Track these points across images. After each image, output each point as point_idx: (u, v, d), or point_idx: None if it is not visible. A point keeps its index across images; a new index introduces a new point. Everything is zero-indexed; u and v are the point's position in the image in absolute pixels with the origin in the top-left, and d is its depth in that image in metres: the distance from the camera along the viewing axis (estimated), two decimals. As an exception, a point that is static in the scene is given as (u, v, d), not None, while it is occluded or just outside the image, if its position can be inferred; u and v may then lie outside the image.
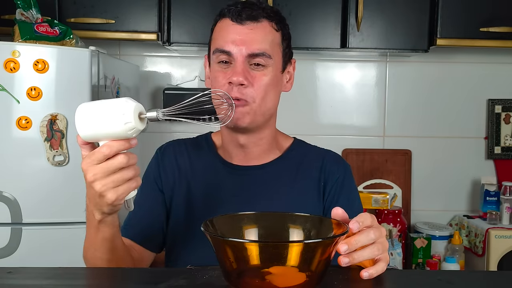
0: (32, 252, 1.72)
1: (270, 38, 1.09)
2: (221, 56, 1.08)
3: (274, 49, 1.10)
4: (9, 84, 1.69)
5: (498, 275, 1.19)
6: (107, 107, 0.82)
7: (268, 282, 0.73)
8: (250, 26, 1.07)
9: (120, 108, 0.81)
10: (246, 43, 1.06)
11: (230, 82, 1.06)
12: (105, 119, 0.81)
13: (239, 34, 1.06)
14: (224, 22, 1.09)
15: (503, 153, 2.54)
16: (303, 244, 0.75)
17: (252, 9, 1.08)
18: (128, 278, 0.90)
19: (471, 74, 2.54)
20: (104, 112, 0.81)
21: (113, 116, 0.81)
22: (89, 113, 0.83)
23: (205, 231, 0.76)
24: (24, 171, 1.72)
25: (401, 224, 2.33)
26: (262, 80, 1.07)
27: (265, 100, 1.09)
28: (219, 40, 1.09)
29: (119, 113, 0.81)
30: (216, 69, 1.10)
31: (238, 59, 1.06)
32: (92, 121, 0.82)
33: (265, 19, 1.09)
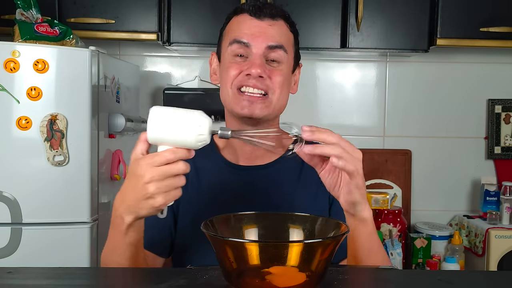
0: (32, 252, 1.72)
1: (287, 35, 1.11)
2: (238, 49, 1.08)
3: (289, 46, 1.12)
4: (9, 84, 1.69)
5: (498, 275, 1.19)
6: (184, 117, 0.84)
7: (268, 282, 0.73)
8: (269, 22, 1.09)
9: (197, 121, 0.84)
10: (265, 36, 1.07)
11: (248, 74, 1.06)
12: (180, 128, 0.84)
13: (258, 27, 1.08)
14: (242, 17, 1.10)
15: (503, 153, 2.54)
16: (303, 244, 0.75)
17: (271, 7, 1.10)
18: (128, 278, 0.90)
19: (471, 74, 2.54)
20: (180, 121, 0.84)
21: (189, 126, 0.84)
22: (164, 118, 0.84)
23: (205, 231, 0.76)
24: (24, 171, 1.72)
25: (401, 224, 2.33)
26: (278, 76, 1.09)
27: (281, 95, 1.10)
28: (236, 32, 1.09)
29: (195, 125, 0.84)
30: (229, 61, 1.10)
31: (256, 52, 1.07)
32: (166, 126, 0.84)
33: (281, 19, 1.11)
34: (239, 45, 1.08)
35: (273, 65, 1.09)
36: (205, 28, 2.15)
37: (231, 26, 1.12)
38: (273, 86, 1.08)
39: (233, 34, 1.09)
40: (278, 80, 1.08)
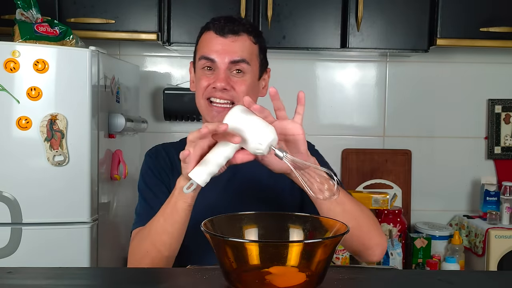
0: (32, 252, 1.72)
1: (249, 48, 1.25)
2: (205, 64, 1.24)
3: (252, 58, 1.26)
4: (9, 84, 1.69)
5: (498, 275, 1.19)
6: (255, 124, 0.98)
7: (268, 282, 0.73)
8: (232, 39, 1.23)
9: (262, 133, 0.97)
10: (228, 52, 1.22)
11: (214, 87, 1.22)
12: (248, 131, 0.97)
13: (222, 44, 1.22)
14: (209, 35, 1.25)
15: (503, 153, 2.53)
16: (303, 244, 0.75)
17: (234, 24, 1.23)
18: (128, 278, 0.90)
19: (471, 74, 2.54)
20: (250, 126, 0.98)
21: (254, 133, 0.97)
22: (240, 117, 0.98)
23: (205, 231, 0.76)
24: (24, 171, 1.72)
25: (401, 224, 2.33)
26: (242, 84, 1.23)
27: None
28: (204, 49, 1.24)
29: (259, 135, 0.97)
30: (200, 74, 1.25)
31: (221, 66, 1.22)
32: (239, 125, 0.98)
33: (244, 33, 1.24)
34: (206, 61, 1.23)
35: (237, 76, 1.23)
36: (205, 28, 2.14)
37: (201, 42, 1.27)
38: (237, 96, 1.22)
39: (202, 50, 1.25)
40: (242, 90, 1.23)
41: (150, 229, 1.12)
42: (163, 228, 1.09)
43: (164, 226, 1.09)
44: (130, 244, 1.20)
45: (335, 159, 2.46)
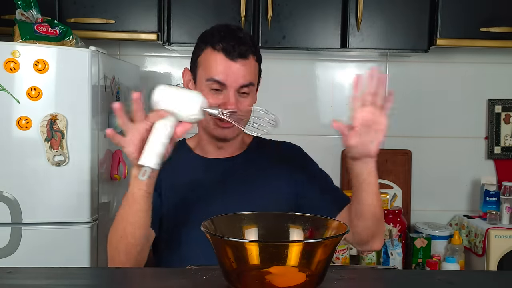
0: (32, 252, 1.72)
1: (254, 70, 1.32)
2: (214, 85, 1.27)
3: (256, 77, 1.33)
4: (9, 84, 1.69)
5: (498, 275, 1.19)
6: (181, 96, 1.06)
7: (268, 282, 0.73)
8: (241, 63, 1.27)
9: (191, 100, 1.05)
10: (238, 77, 1.27)
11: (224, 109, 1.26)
12: (177, 104, 1.04)
13: (232, 69, 1.26)
14: (217, 55, 1.27)
15: (503, 153, 2.53)
16: (303, 244, 0.75)
17: (242, 46, 1.27)
18: (128, 278, 0.90)
19: (471, 74, 2.54)
20: (177, 99, 1.05)
21: (183, 104, 1.04)
22: (165, 96, 1.06)
23: (205, 231, 0.76)
24: (24, 171, 1.72)
25: (401, 224, 2.33)
26: (246, 104, 1.30)
27: (247, 118, 1.32)
28: (213, 71, 1.27)
29: (188, 103, 1.05)
30: (206, 91, 1.28)
31: (230, 90, 1.27)
32: (166, 102, 1.05)
33: (251, 55, 1.29)
34: (216, 83, 1.27)
35: (244, 96, 1.30)
36: (205, 28, 2.13)
37: (208, 60, 1.29)
38: (242, 117, 1.28)
39: (211, 71, 1.27)
40: (245, 107, 1.30)
41: (116, 220, 1.17)
42: (125, 218, 1.13)
43: (127, 217, 1.13)
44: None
45: (335, 159, 2.46)
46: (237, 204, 1.26)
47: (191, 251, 1.26)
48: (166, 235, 1.31)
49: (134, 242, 1.14)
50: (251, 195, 1.31)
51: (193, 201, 1.31)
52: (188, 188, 1.33)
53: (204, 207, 1.28)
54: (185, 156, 1.39)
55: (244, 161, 1.38)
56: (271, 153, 1.42)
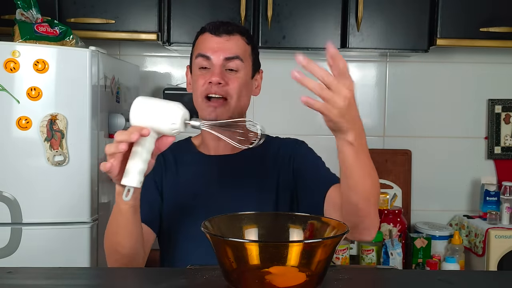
0: (32, 252, 1.72)
1: (242, 47, 1.31)
2: (202, 62, 1.29)
3: (245, 56, 1.31)
4: (9, 84, 1.69)
5: (498, 275, 1.19)
6: (162, 107, 0.98)
7: (268, 282, 0.73)
8: (226, 38, 1.29)
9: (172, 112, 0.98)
10: (222, 50, 1.28)
11: (210, 82, 1.27)
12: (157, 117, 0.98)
13: (217, 43, 1.29)
14: (205, 35, 1.32)
15: (503, 153, 2.53)
16: (303, 244, 0.75)
17: (228, 25, 1.31)
18: (128, 278, 0.90)
19: (471, 74, 2.54)
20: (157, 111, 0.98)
21: (164, 117, 0.98)
22: (145, 107, 0.99)
23: (205, 231, 0.76)
24: (24, 171, 1.72)
25: (401, 224, 2.33)
26: (236, 80, 1.29)
27: (239, 98, 1.30)
28: (200, 48, 1.31)
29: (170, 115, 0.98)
30: (197, 74, 1.30)
31: (216, 63, 1.28)
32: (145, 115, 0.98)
33: (237, 34, 1.31)
34: (202, 58, 1.29)
35: (231, 73, 1.29)
36: (205, 28, 2.15)
37: (197, 44, 1.34)
38: (231, 92, 1.28)
39: (198, 50, 1.31)
40: (235, 86, 1.28)
41: (107, 231, 1.18)
42: (114, 230, 1.14)
43: (115, 228, 1.13)
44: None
45: (335, 159, 2.45)
46: (238, 201, 1.26)
47: (195, 248, 1.26)
48: (169, 233, 1.31)
49: (126, 252, 1.15)
50: (251, 191, 1.30)
51: (195, 199, 1.31)
52: (190, 185, 1.33)
53: (206, 204, 1.28)
54: (189, 154, 1.40)
55: (246, 158, 1.36)
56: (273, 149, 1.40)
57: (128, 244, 1.14)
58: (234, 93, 1.28)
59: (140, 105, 0.99)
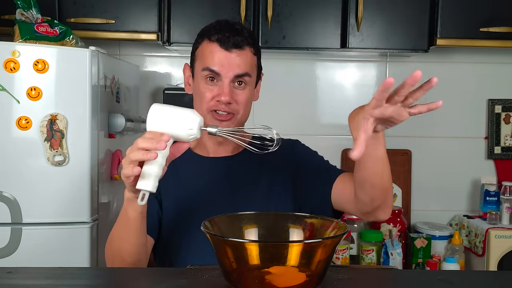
0: (32, 252, 1.72)
1: (250, 61, 1.30)
2: (209, 74, 1.27)
3: (253, 70, 1.31)
4: (9, 84, 1.69)
5: (498, 275, 1.19)
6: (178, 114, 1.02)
7: (268, 282, 0.73)
8: (236, 53, 1.27)
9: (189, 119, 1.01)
10: (232, 67, 1.26)
11: (218, 100, 1.26)
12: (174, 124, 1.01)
13: (226, 58, 1.26)
14: (212, 46, 1.27)
15: (503, 153, 2.53)
16: (303, 244, 0.75)
17: (237, 37, 1.27)
18: (128, 278, 0.90)
19: (471, 74, 2.54)
20: (174, 118, 1.01)
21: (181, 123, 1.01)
22: (162, 114, 1.02)
23: (205, 231, 0.76)
24: (24, 171, 1.72)
25: (401, 224, 2.33)
26: (243, 97, 1.29)
27: (245, 112, 1.32)
28: (208, 60, 1.27)
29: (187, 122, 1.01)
30: (203, 85, 1.29)
31: (225, 80, 1.26)
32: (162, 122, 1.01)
33: (247, 46, 1.28)
34: (210, 72, 1.27)
35: (239, 88, 1.28)
36: (205, 28, 2.15)
37: (204, 51, 1.30)
38: (238, 108, 1.28)
39: (206, 61, 1.28)
40: (243, 101, 1.29)
41: (112, 237, 1.18)
42: (121, 236, 1.14)
43: (122, 235, 1.13)
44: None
45: (335, 159, 2.46)
46: (239, 203, 1.25)
47: (195, 251, 1.25)
48: (167, 238, 1.30)
49: (131, 260, 1.14)
50: (253, 193, 1.30)
51: (195, 202, 1.30)
52: (189, 189, 1.32)
53: (206, 208, 1.27)
54: (185, 156, 1.38)
55: (245, 159, 1.36)
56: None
57: (135, 251, 1.14)
58: (242, 108, 1.29)
59: (157, 111, 1.01)
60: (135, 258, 1.14)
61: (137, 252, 1.14)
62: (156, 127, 1.01)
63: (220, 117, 1.28)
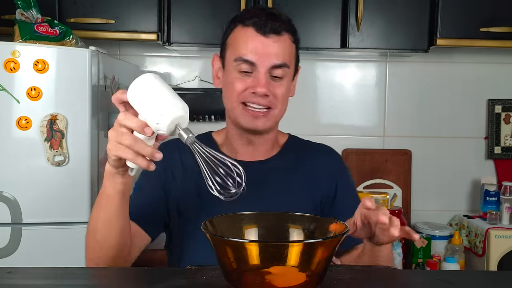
0: (32, 252, 1.72)
1: (289, 50, 1.16)
2: (243, 66, 1.13)
3: (291, 60, 1.17)
4: (9, 84, 1.69)
5: (498, 275, 1.19)
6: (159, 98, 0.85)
7: (268, 282, 0.73)
8: (274, 39, 1.12)
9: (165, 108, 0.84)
10: (270, 55, 1.12)
11: (253, 92, 1.12)
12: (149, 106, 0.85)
13: (263, 45, 1.12)
14: (247, 31, 1.13)
15: (503, 153, 2.53)
16: (303, 244, 0.75)
17: (275, 22, 1.13)
18: (128, 278, 0.90)
19: (471, 74, 2.54)
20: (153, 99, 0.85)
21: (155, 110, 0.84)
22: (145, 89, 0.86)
23: (205, 231, 0.76)
24: (24, 171, 1.72)
25: (401, 224, 2.32)
26: (281, 90, 1.15)
27: (282, 108, 1.18)
28: (241, 49, 1.13)
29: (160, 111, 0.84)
30: (234, 76, 1.15)
31: (261, 70, 1.12)
32: (141, 98, 0.86)
33: (286, 32, 1.15)
34: (244, 63, 1.13)
35: (277, 80, 1.15)
36: (205, 28, 2.15)
37: (237, 38, 1.15)
38: (275, 102, 1.15)
39: (239, 50, 1.13)
40: (280, 95, 1.15)
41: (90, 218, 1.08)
42: (97, 216, 1.03)
43: (98, 214, 1.02)
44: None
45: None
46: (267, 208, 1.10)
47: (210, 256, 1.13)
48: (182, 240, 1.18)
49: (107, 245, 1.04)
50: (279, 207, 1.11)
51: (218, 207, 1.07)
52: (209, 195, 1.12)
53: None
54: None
55: (277, 165, 1.22)
56: (307, 157, 1.26)
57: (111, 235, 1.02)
58: (279, 102, 1.15)
59: (144, 83, 0.86)
60: (110, 243, 1.03)
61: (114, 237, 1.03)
62: (133, 99, 0.87)
63: (255, 112, 1.14)
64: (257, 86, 1.12)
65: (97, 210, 1.03)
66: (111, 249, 1.05)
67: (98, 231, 1.04)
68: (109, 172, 0.95)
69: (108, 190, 0.97)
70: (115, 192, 0.97)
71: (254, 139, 1.21)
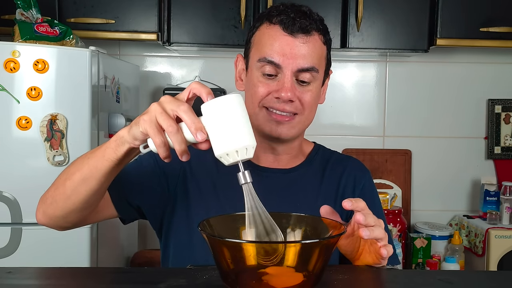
0: (32, 252, 1.72)
1: (319, 52, 1.07)
2: (267, 68, 1.04)
3: (321, 63, 1.09)
4: (9, 84, 1.69)
5: (498, 275, 1.19)
6: (233, 125, 0.79)
7: (265, 283, 0.73)
8: (302, 40, 1.04)
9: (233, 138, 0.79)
10: (297, 57, 1.03)
11: (277, 97, 1.04)
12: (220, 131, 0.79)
13: (290, 46, 1.03)
14: (273, 30, 1.05)
15: (503, 153, 2.53)
16: (300, 245, 0.74)
17: (305, 20, 1.04)
18: (128, 278, 0.90)
19: (471, 74, 2.54)
20: (227, 125, 0.79)
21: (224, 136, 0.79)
22: (224, 112, 0.79)
23: (202, 231, 0.76)
24: (24, 171, 1.72)
25: (401, 224, 2.33)
26: (308, 96, 1.07)
27: (309, 115, 1.10)
28: (266, 48, 1.04)
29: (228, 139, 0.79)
30: (258, 79, 1.06)
31: (287, 74, 1.03)
32: (215, 119, 0.79)
33: (316, 32, 1.06)
34: (269, 64, 1.04)
35: (304, 85, 1.06)
36: (205, 28, 2.15)
37: (262, 37, 1.07)
38: (302, 108, 1.07)
39: (263, 50, 1.05)
40: (307, 101, 1.07)
41: (68, 167, 0.97)
42: (79, 168, 0.93)
43: (82, 167, 0.92)
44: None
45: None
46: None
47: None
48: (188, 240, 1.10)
49: (71, 199, 0.95)
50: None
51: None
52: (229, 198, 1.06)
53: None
54: None
55: (301, 176, 1.14)
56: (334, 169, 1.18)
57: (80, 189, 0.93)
58: (307, 108, 1.07)
59: (227, 105, 0.79)
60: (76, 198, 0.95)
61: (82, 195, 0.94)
62: (207, 118, 0.79)
63: (279, 117, 1.05)
64: (281, 90, 1.03)
65: (83, 161, 0.93)
66: (71, 204, 0.97)
67: (72, 180, 0.94)
68: (121, 137, 0.86)
69: (108, 152, 0.88)
70: (115, 157, 0.88)
71: (276, 146, 1.13)
